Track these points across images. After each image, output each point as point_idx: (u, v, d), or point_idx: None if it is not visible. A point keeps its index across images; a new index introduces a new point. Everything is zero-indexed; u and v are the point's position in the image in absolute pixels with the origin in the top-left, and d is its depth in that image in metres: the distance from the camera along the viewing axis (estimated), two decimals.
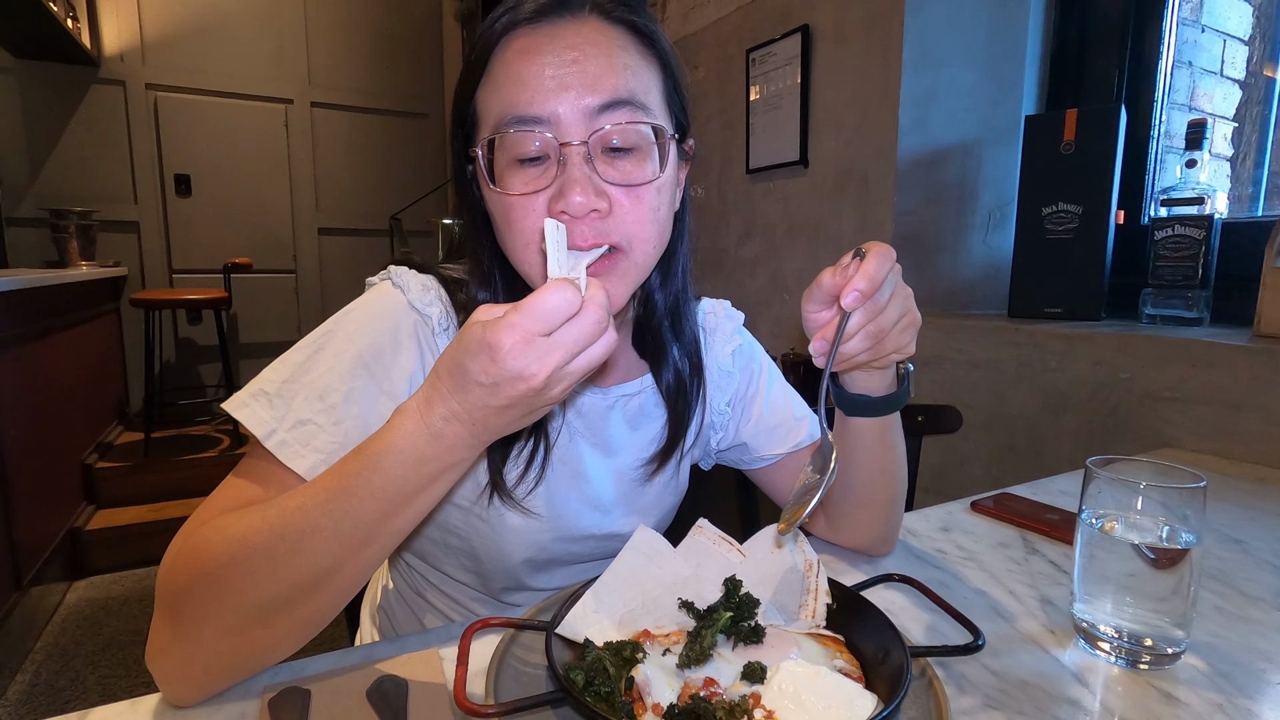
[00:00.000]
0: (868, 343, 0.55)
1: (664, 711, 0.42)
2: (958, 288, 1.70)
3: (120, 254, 3.73)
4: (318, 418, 0.56)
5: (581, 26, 0.58)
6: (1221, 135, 1.55)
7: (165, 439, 3.43)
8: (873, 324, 0.54)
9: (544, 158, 0.57)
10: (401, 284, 0.63)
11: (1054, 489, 0.96)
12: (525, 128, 0.56)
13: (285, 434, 0.55)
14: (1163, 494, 0.54)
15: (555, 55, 0.56)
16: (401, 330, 0.61)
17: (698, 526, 0.62)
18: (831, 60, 1.75)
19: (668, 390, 0.75)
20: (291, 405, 0.56)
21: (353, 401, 0.58)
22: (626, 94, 0.57)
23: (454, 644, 0.56)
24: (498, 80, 0.58)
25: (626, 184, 0.58)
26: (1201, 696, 0.50)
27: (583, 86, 0.56)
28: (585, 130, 0.56)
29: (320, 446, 0.55)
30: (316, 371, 0.58)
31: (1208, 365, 1.09)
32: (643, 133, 0.58)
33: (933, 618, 0.61)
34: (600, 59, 0.57)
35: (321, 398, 0.57)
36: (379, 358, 0.60)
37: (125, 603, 2.52)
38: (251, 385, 0.58)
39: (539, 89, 0.56)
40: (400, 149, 4.48)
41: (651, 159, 0.59)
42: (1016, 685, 0.51)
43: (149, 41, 3.74)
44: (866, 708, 0.43)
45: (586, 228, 0.56)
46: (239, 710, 0.48)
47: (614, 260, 0.59)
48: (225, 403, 0.58)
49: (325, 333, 0.60)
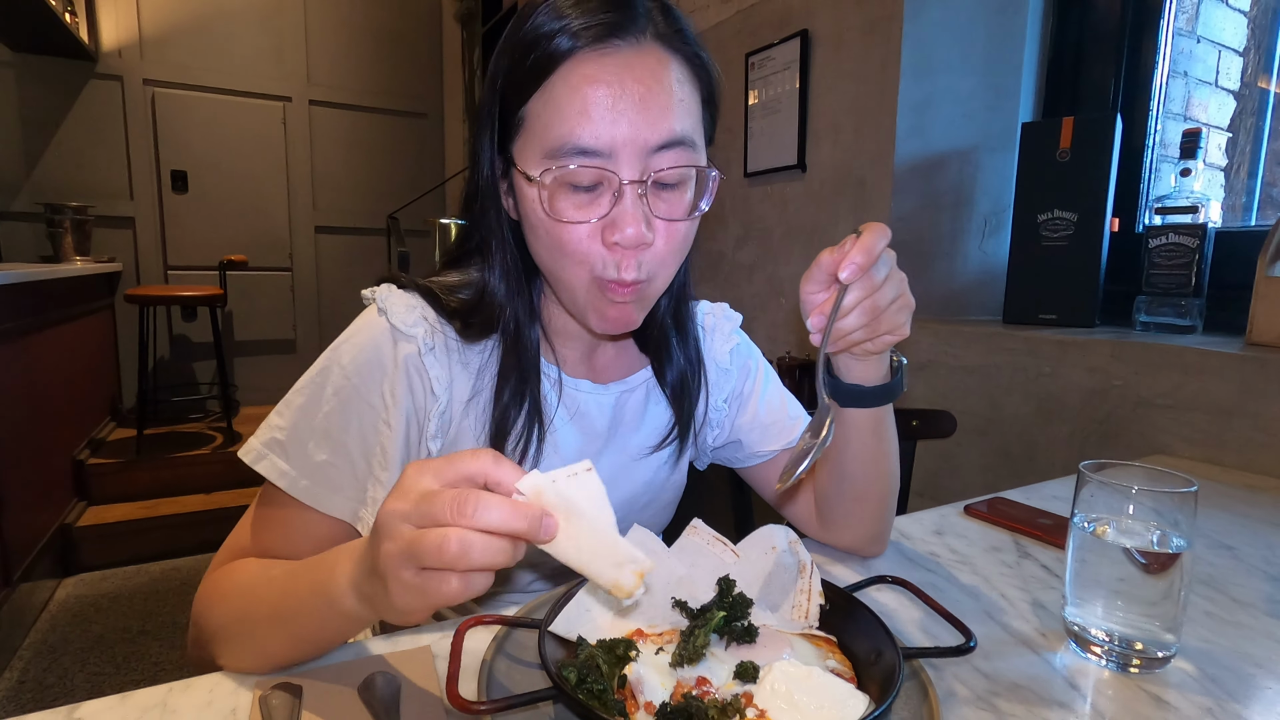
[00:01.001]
0: (864, 318, 0.56)
1: (656, 710, 0.42)
2: (953, 293, 1.71)
3: (115, 250, 3.72)
4: (332, 458, 0.62)
5: (644, 55, 0.58)
6: (1216, 145, 1.56)
7: (158, 436, 3.42)
8: (869, 299, 0.55)
9: (597, 186, 0.59)
10: (385, 307, 0.65)
11: (1047, 494, 0.96)
12: (588, 161, 0.57)
13: (307, 481, 0.61)
14: (1154, 499, 0.54)
15: (622, 88, 0.57)
16: (385, 357, 0.64)
17: (692, 526, 0.62)
18: (830, 65, 1.75)
19: (672, 387, 0.76)
20: (305, 451, 0.62)
21: (358, 436, 0.63)
22: (681, 134, 0.59)
23: (446, 641, 0.56)
24: (559, 102, 0.57)
25: (671, 218, 0.61)
26: (1191, 700, 0.50)
27: (645, 124, 0.57)
28: (641, 167, 0.58)
29: (340, 485, 0.62)
30: (320, 413, 0.63)
31: (1200, 373, 1.10)
32: (690, 172, 0.61)
33: (925, 619, 0.61)
34: (662, 96, 0.58)
35: (329, 437, 0.62)
36: (373, 389, 0.63)
37: (115, 600, 2.51)
38: (262, 433, 0.63)
39: (604, 123, 0.57)
40: (398, 148, 4.48)
41: (691, 193, 0.63)
42: (1008, 687, 0.51)
43: (147, 37, 3.73)
44: (859, 708, 0.43)
45: (631, 257, 0.60)
46: (230, 706, 0.48)
47: (638, 289, 0.62)
48: (241, 452, 0.63)
49: (321, 370, 0.64)
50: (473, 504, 0.38)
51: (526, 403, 0.67)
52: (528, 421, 0.68)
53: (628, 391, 0.76)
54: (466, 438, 0.68)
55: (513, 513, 0.39)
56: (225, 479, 3.24)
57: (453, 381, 0.67)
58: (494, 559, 0.39)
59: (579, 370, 0.75)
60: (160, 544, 2.88)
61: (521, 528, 0.39)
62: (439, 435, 0.66)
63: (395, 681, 0.50)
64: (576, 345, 0.74)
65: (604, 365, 0.77)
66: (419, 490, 0.40)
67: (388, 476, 0.62)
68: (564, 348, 0.74)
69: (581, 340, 0.74)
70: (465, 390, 0.68)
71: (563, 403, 0.72)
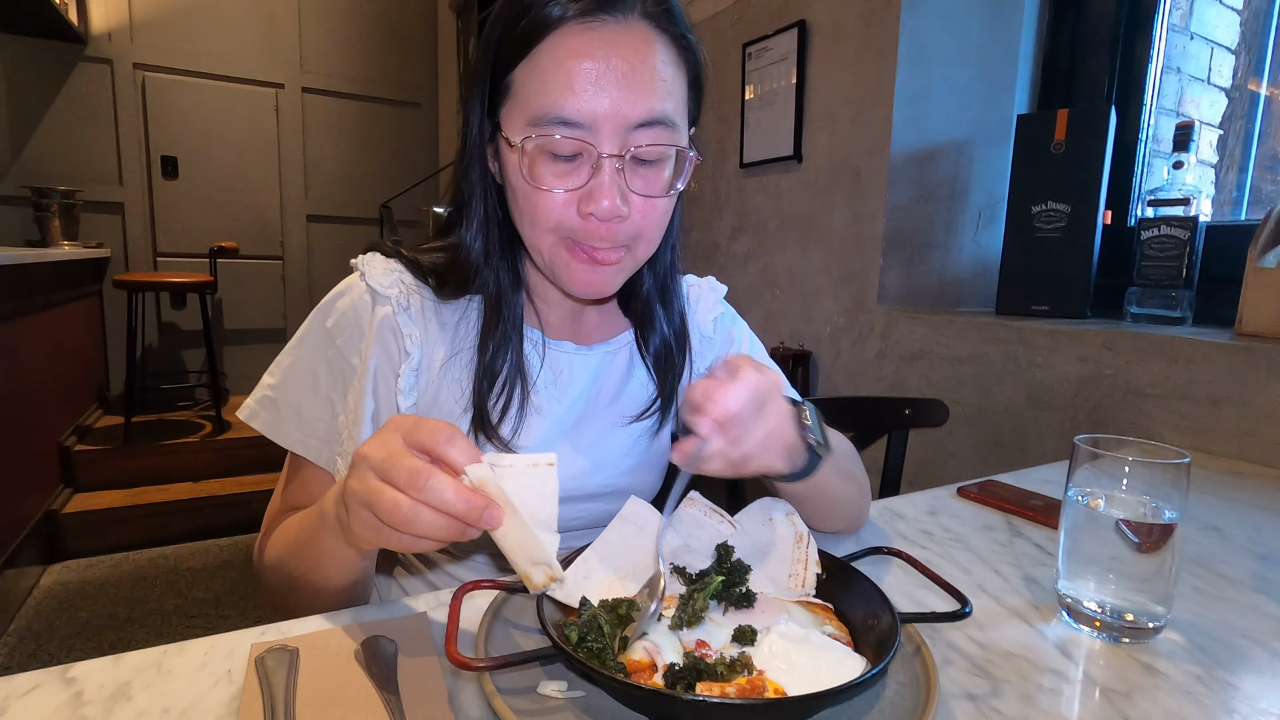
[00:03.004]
0: (725, 465, 0.54)
1: (666, 668, 0.42)
2: (946, 284, 1.72)
3: (104, 236, 3.68)
4: (318, 413, 0.67)
5: (631, 33, 0.59)
6: (1207, 142, 1.58)
7: (145, 424, 3.39)
8: (734, 450, 0.53)
9: (576, 157, 0.60)
10: (365, 269, 0.68)
11: (1038, 478, 0.97)
12: (568, 131, 0.59)
13: (299, 434, 0.67)
14: (1148, 469, 0.54)
15: (607, 64, 0.58)
16: (363, 318, 0.67)
17: (689, 498, 0.62)
18: (827, 56, 1.76)
19: (655, 356, 0.77)
20: (295, 407, 0.67)
21: (342, 393, 0.67)
22: (661, 114, 0.60)
23: (442, 611, 0.56)
24: (544, 72, 0.59)
25: (647, 194, 0.63)
26: (1180, 668, 0.51)
27: (626, 101, 0.58)
28: (621, 142, 0.60)
29: (327, 439, 0.67)
30: (305, 372, 0.68)
31: (1189, 362, 1.11)
32: (669, 150, 0.63)
33: (920, 592, 0.62)
34: (646, 74, 0.59)
35: (316, 393, 0.68)
36: (352, 348, 0.67)
37: (101, 587, 2.49)
38: (256, 392, 0.69)
39: (586, 96, 0.58)
40: (392, 137, 4.45)
41: (670, 171, 0.64)
42: (1001, 655, 0.52)
43: (138, 20, 3.68)
44: (855, 669, 0.43)
45: (606, 230, 0.61)
46: (225, 668, 0.48)
47: (610, 258, 0.64)
48: (239, 411, 0.70)
49: (306, 331, 0.69)
50: (425, 478, 0.42)
51: (508, 363, 0.68)
52: (509, 381, 0.68)
53: (610, 353, 0.77)
54: (446, 398, 0.69)
55: (457, 498, 0.42)
56: (213, 467, 3.21)
57: (426, 340, 0.69)
58: (439, 534, 0.43)
59: (562, 333, 0.76)
60: (147, 532, 2.85)
61: (460, 511, 0.43)
62: (411, 392, 0.68)
63: (392, 645, 0.49)
64: (559, 309, 0.76)
65: (587, 329, 0.78)
66: (390, 446, 0.44)
67: (358, 432, 0.65)
68: (547, 312, 0.75)
69: (564, 305, 0.76)
70: (442, 350, 0.69)
71: (546, 364, 0.73)
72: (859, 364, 1.71)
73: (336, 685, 0.45)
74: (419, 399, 0.69)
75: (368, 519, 0.45)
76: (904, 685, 0.45)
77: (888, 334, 1.63)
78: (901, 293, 1.67)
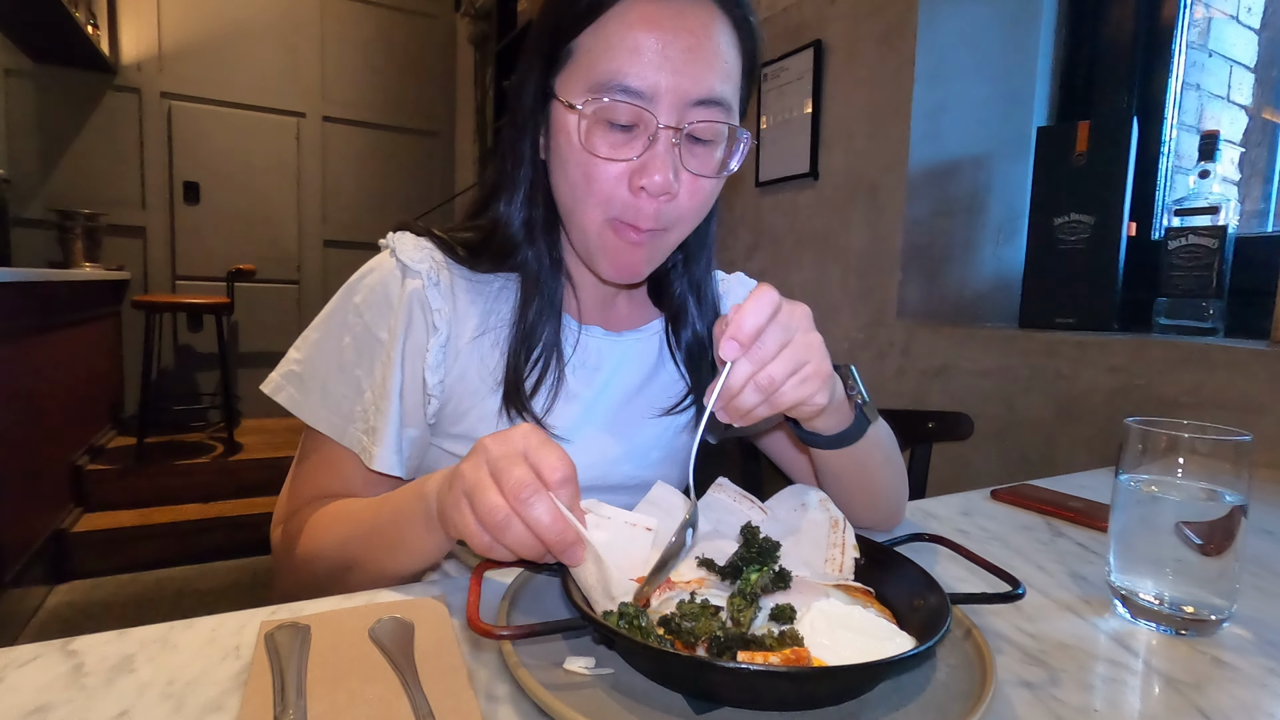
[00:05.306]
0: (757, 396, 0.50)
1: (709, 641, 0.39)
2: (967, 300, 1.70)
3: (125, 259, 3.73)
4: (345, 389, 0.65)
5: (699, 8, 0.59)
6: (1229, 159, 1.56)
7: (158, 444, 3.39)
8: (762, 374, 0.50)
9: (633, 128, 0.60)
10: (394, 245, 0.68)
11: (1074, 484, 0.93)
12: (630, 99, 0.58)
13: (325, 411, 0.65)
14: (1207, 450, 0.51)
15: (674, 36, 0.58)
16: (392, 293, 0.66)
17: (717, 484, 0.60)
18: (843, 74, 1.77)
19: (687, 350, 0.76)
20: (320, 383, 0.65)
21: (367, 369, 0.65)
22: (720, 94, 0.60)
23: (460, 596, 0.53)
24: (611, 39, 0.58)
25: (700, 174, 0.62)
26: (1251, 661, 0.47)
27: (689, 77, 0.58)
28: (678, 117, 0.59)
29: (352, 416, 0.64)
30: (333, 348, 0.66)
31: (1226, 369, 1.07)
32: (722, 130, 0.62)
33: (963, 584, 0.58)
34: (710, 52, 0.59)
35: (342, 369, 0.65)
36: (381, 324, 0.65)
37: (106, 608, 2.45)
38: (282, 367, 0.67)
39: (651, 67, 0.57)
40: (409, 165, 4.52)
41: (722, 152, 0.63)
42: (1055, 646, 0.49)
43: (166, 51, 3.79)
44: (904, 645, 0.40)
45: (654, 207, 0.60)
46: (233, 644, 0.45)
47: (651, 236, 0.63)
48: (262, 385, 0.68)
49: (335, 307, 0.68)
50: (529, 492, 0.43)
51: (545, 337, 0.67)
52: (544, 357, 0.67)
53: (639, 341, 0.76)
54: (474, 375, 0.67)
55: (552, 523, 0.43)
56: (224, 488, 3.19)
57: (455, 317, 0.67)
58: (521, 549, 0.44)
59: (593, 318, 0.75)
60: (154, 552, 2.82)
61: (550, 539, 0.43)
62: (438, 368, 0.66)
63: (408, 624, 0.47)
64: (591, 294, 0.75)
65: (617, 316, 0.77)
66: (510, 446, 0.45)
67: (386, 405, 0.63)
68: (580, 296, 0.74)
69: (596, 290, 0.75)
70: (471, 327, 0.68)
71: (577, 349, 0.72)
72: (879, 379, 1.68)
73: (350, 660, 0.43)
74: (446, 376, 0.67)
75: (464, 508, 0.45)
76: (955, 668, 0.42)
77: (908, 349, 1.60)
78: (921, 308, 1.65)
